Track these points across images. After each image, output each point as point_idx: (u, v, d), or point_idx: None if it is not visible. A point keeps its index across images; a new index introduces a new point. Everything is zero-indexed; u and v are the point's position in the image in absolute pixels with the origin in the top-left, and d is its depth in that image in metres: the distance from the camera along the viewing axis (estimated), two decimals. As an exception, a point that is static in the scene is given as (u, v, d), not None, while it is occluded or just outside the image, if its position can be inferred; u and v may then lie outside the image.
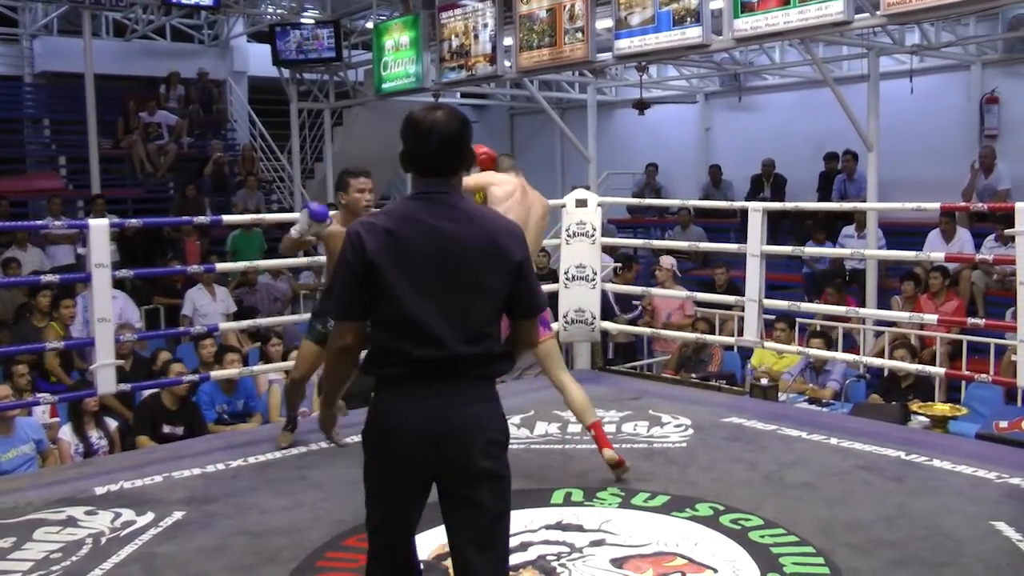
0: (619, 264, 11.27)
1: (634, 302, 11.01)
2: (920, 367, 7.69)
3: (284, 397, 6.69)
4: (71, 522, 5.08)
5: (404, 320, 3.05)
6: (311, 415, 7.78)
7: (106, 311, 6.29)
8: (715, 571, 4.35)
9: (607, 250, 9.78)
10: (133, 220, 8.45)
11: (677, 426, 6.76)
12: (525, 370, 9.32)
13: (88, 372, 6.93)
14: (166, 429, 7.57)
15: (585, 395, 5.70)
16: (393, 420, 3.09)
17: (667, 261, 11.23)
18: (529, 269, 3.23)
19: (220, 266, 8.76)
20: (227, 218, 9.80)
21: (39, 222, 11.63)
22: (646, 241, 11.37)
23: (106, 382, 6.33)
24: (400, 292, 3.04)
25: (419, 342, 3.05)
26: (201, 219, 8.71)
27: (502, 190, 5.62)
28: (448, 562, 4.42)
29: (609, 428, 6.69)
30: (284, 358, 7.92)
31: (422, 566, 4.12)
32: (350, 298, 3.12)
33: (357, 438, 6.10)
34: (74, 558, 4.59)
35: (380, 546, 3.25)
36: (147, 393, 7.79)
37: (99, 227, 6.29)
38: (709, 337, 9.02)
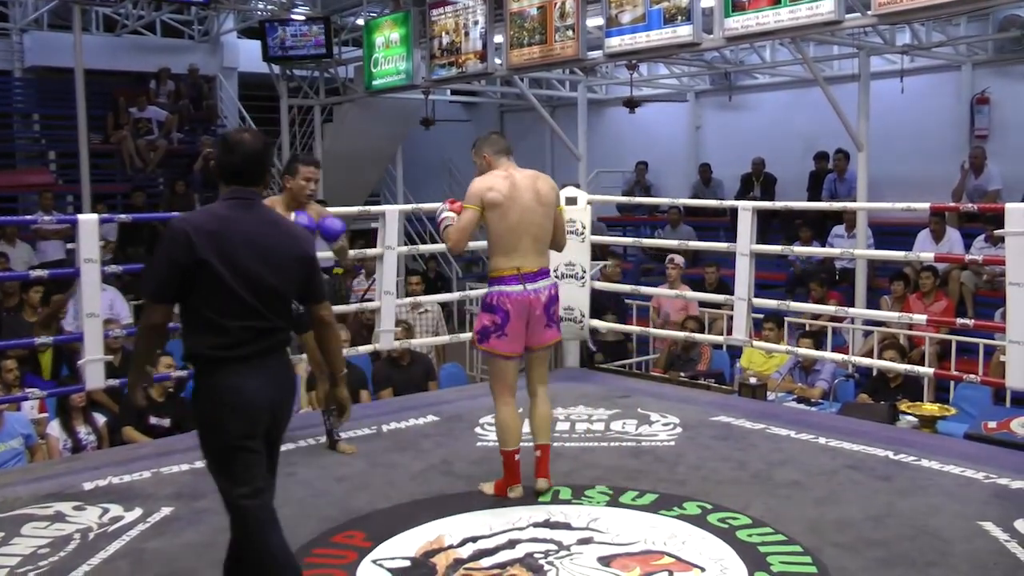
0: (607, 263, 11.28)
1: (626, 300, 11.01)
2: (909, 367, 7.70)
3: None
4: (59, 517, 5.07)
5: (228, 302, 3.62)
6: (299, 412, 7.77)
7: (95, 306, 6.28)
8: (702, 570, 4.36)
9: (596, 249, 9.76)
10: (123, 215, 8.42)
11: (666, 424, 6.77)
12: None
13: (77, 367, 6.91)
14: (152, 421, 7.55)
15: (550, 415, 5.51)
16: (241, 392, 3.63)
17: (679, 258, 11.22)
18: (317, 263, 3.98)
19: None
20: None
21: (28, 217, 11.59)
22: (636, 240, 11.37)
23: (95, 377, 6.32)
24: (228, 280, 3.60)
25: (245, 318, 3.63)
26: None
27: (498, 194, 5.24)
28: (435, 559, 4.45)
29: (598, 426, 6.72)
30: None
31: (407, 563, 4.22)
32: (168, 285, 3.64)
33: (318, 440, 6.09)
34: (62, 553, 4.59)
35: (254, 504, 3.73)
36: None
37: (88, 222, 6.27)
38: (698, 336, 9.03)
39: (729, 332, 7.78)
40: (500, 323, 5.24)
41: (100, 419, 7.77)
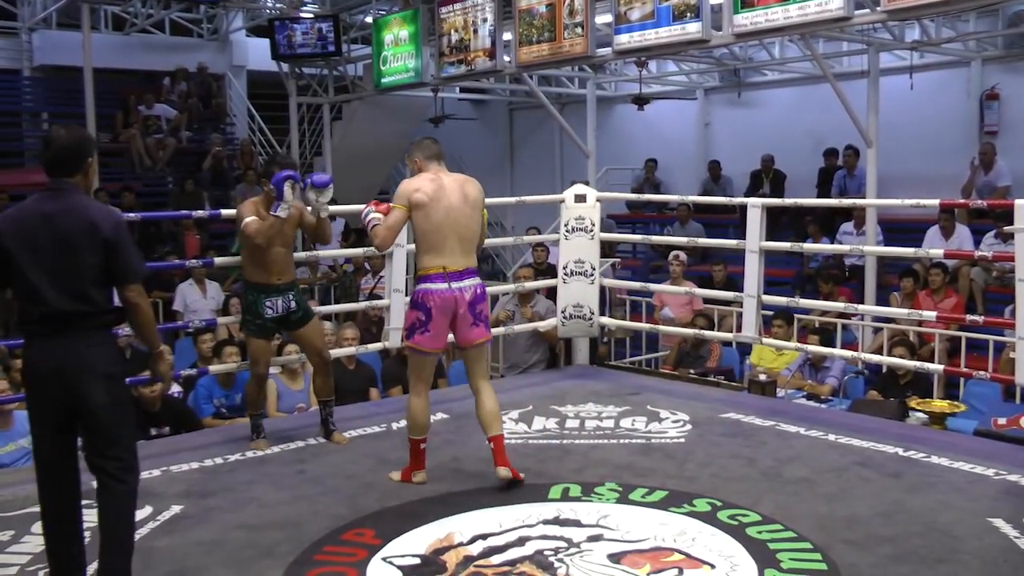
0: (617, 260, 11.26)
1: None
2: (919, 364, 7.68)
3: (248, 400, 6.62)
4: (69, 516, 5.07)
5: (26, 287, 3.96)
6: (309, 410, 7.77)
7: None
8: (712, 567, 4.35)
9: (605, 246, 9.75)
10: (132, 214, 8.43)
11: (675, 421, 6.77)
12: (530, 365, 9.33)
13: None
14: (152, 432, 7.43)
15: (496, 407, 5.62)
16: (33, 362, 4.03)
17: (683, 254, 11.21)
18: (121, 244, 4.04)
19: (219, 260, 8.74)
20: (226, 212, 9.79)
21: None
22: (645, 237, 11.35)
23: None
24: (22, 266, 3.94)
25: (36, 303, 3.95)
26: (200, 213, 8.65)
27: (423, 194, 5.44)
28: (445, 556, 4.45)
29: (608, 423, 6.72)
30: (280, 352, 7.90)
31: (417, 560, 4.24)
32: None
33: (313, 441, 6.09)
34: (72, 551, 4.58)
35: (43, 463, 4.10)
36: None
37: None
38: (708, 333, 8.99)
39: (739, 329, 7.76)
40: (424, 320, 5.45)
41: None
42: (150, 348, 4.36)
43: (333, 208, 6.63)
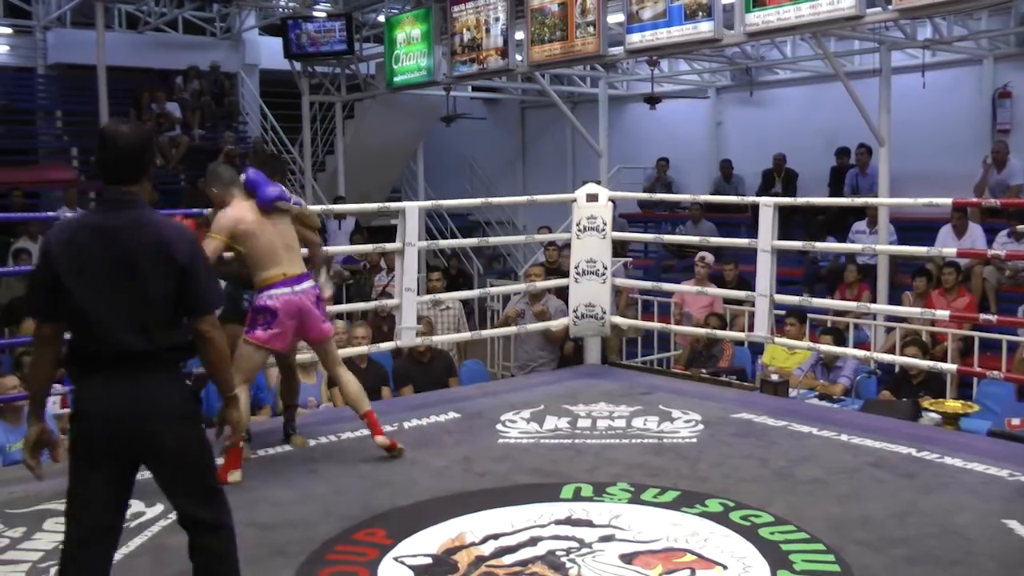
0: (629, 259, 11.25)
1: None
2: (932, 364, 7.66)
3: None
4: (81, 513, 5.07)
5: (81, 318, 3.41)
6: (319, 407, 7.78)
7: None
8: (725, 567, 4.34)
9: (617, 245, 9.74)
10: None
11: (687, 421, 6.75)
12: (539, 364, 9.32)
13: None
14: None
15: (359, 385, 6.03)
16: (86, 405, 3.45)
17: (710, 256, 11.20)
18: (197, 271, 3.54)
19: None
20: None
21: (51, 213, 11.63)
22: (657, 236, 11.32)
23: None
24: (77, 293, 3.39)
25: (95, 337, 3.41)
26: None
27: (245, 225, 5.76)
28: (457, 556, 4.45)
29: (619, 423, 6.71)
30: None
31: (429, 560, 4.20)
32: (41, 301, 3.50)
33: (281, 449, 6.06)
34: (84, 550, 4.59)
35: (78, 522, 3.52)
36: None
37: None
38: (720, 332, 8.98)
39: (751, 329, 7.75)
40: (270, 320, 5.68)
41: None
42: (222, 391, 3.77)
43: (351, 205, 6.62)
